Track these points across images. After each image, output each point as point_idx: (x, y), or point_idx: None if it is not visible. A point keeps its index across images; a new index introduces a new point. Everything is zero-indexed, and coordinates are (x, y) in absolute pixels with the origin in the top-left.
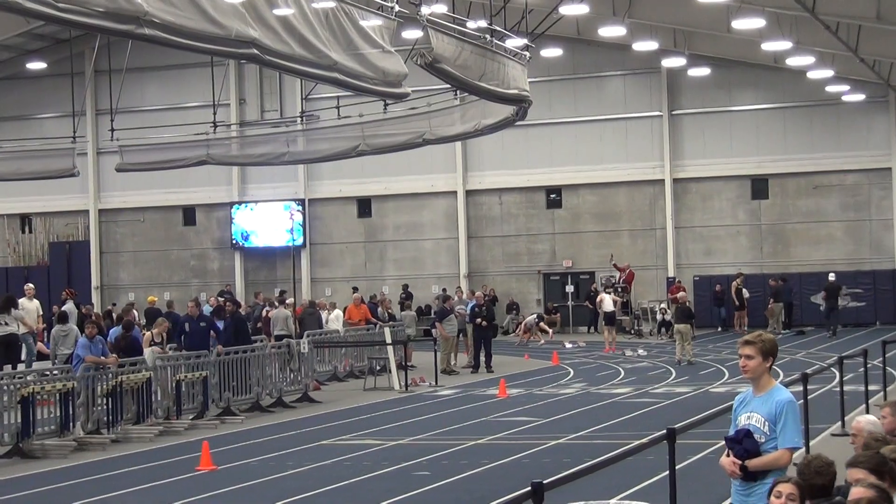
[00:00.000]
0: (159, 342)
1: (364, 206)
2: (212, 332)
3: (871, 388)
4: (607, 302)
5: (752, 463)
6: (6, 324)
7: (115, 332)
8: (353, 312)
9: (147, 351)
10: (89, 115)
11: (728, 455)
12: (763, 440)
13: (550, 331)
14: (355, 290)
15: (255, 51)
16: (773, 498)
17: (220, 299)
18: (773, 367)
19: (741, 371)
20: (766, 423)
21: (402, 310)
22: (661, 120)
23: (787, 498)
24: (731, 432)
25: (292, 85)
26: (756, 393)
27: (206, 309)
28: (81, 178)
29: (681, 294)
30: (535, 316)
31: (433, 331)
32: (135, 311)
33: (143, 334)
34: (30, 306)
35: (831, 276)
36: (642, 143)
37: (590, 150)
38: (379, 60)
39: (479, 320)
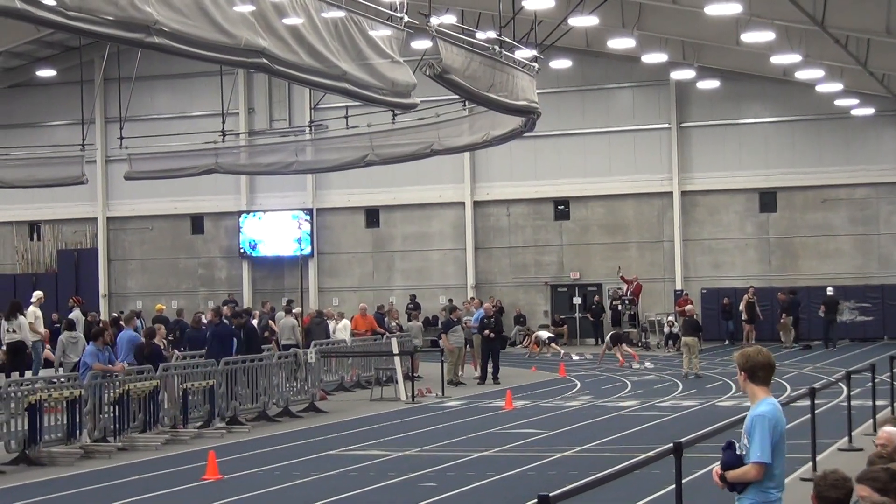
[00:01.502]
0: (164, 348)
1: (372, 216)
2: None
3: (878, 403)
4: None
5: (729, 474)
6: (14, 331)
7: (123, 336)
8: (360, 323)
9: None
10: (98, 123)
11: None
12: (743, 452)
13: (561, 351)
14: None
15: (265, 60)
16: None
17: (226, 307)
18: (781, 381)
19: None
20: (745, 436)
21: (409, 320)
22: (670, 132)
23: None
24: None
25: (301, 94)
26: (750, 405)
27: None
28: (90, 186)
29: (688, 307)
30: (546, 335)
31: (440, 342)
32: (138, 320)
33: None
34: (39, 314)
35: (829, 291)
36: (651, 156)
37: (598, 162)
38: (388, 71)
39: (487, 332)
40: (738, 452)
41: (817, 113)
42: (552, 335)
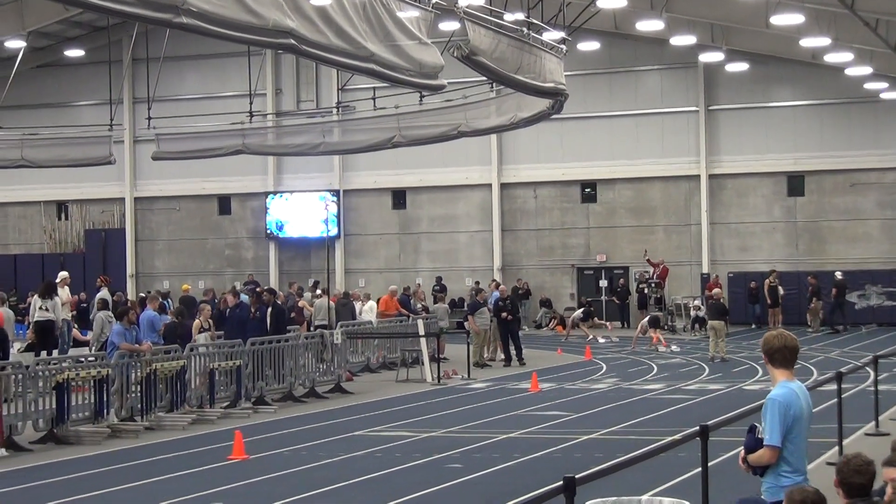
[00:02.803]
0: (207, 328)
1: (399, 197)
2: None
3: None
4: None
5: (749, 458)
6: (46, 310)
7: (143, 317)
8: (388, 304)
9: (200, 337)
10: (126, 103)
11: None
12: (762, 436)
13: (591, 335)
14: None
15: (293, 41)
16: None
17: (259, 289)
18: (808, 365)
19: None
20: (762, 420)
21: (435, 302)
22: (698, 115)
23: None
24: None
25: (329, 75)
26: None
27: (243, 297)
28: (118, 166)
29: (715, 290)
30: (580, 312)
31: (465, 323)
32: (161, 300)
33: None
34: (63, 294)
35: (838, 275)
36: (678, 139)
37: (625, 145)
38: (415, 52)
39: (504, 314)
40: (758, 436)
41: (846, 96)
42: (586, 308)
